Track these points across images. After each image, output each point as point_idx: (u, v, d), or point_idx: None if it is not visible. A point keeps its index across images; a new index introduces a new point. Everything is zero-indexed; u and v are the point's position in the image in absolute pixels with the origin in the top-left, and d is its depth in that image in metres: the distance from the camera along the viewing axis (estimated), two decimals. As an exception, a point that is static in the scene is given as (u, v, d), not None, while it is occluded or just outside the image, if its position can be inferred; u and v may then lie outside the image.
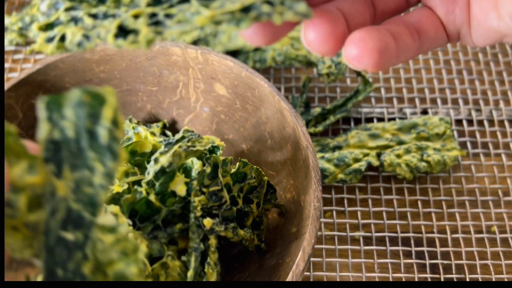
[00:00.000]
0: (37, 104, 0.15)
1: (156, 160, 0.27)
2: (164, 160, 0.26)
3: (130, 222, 0.25)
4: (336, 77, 0.38)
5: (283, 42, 0.40)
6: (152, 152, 0.30)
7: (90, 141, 0.15)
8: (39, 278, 0.22)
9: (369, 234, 0.37)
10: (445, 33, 0.22)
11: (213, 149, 0.28)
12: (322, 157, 0.39)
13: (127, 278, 0.15)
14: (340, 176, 0.38)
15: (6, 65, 0.45)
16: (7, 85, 0.31)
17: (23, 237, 0.15)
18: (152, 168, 0.27)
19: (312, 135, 0.41)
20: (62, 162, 0.15)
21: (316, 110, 0.41)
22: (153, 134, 0.30)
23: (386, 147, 0.39)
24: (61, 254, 0.14)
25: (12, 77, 0.44)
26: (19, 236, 0.15)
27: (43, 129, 0.15)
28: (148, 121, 0.36)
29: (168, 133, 0.34)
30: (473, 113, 0.43)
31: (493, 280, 0.35)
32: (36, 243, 0.15)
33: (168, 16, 0.17)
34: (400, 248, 0.36)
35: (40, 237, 0.14)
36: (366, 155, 0.39)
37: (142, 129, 0.29)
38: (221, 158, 0.28)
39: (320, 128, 0.40)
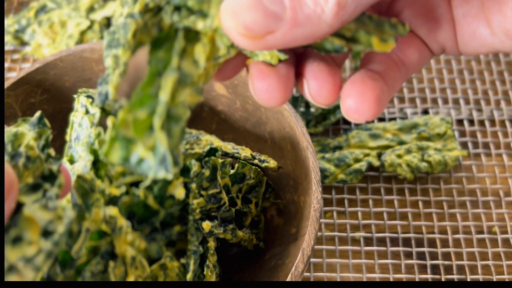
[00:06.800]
0: None
1: None
2: None
3: (129, 224, 0.25)
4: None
5: None
6: None
7: None
8: (38, 278, 0.22)
9: (369, 234, 0.37)
10: (429, 51, 0.21)
11: (211, 150, 0.28)
12: (323, 157, 0.38)
13: None
14: (341, 176, 0.38)
15: (5, 64, 0.44)
16: (6, 84, 0.31)
17: None
18: None
19: (312, 135, 0.41)
20: None
21: (316, 110, 0.40)
22: None
23: (387, 147, 0.39)
24: None
25: (11, 77, 0.44)
26: None
27: None
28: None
29: None
30: (474, 113, 0.43)
31: (494, 280, 0.35)
32: None
33: None
34: (400, 248, 0.36)
35: None
36: (367, 155, 0.38)
37: None
38: (220, 160, 0.28)
39: (320, 128, 0.40)
